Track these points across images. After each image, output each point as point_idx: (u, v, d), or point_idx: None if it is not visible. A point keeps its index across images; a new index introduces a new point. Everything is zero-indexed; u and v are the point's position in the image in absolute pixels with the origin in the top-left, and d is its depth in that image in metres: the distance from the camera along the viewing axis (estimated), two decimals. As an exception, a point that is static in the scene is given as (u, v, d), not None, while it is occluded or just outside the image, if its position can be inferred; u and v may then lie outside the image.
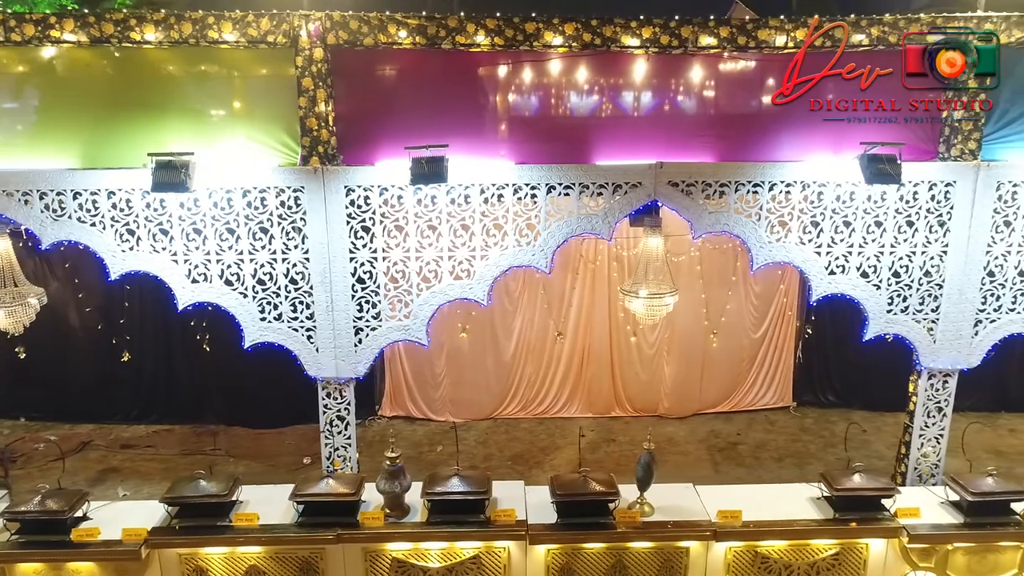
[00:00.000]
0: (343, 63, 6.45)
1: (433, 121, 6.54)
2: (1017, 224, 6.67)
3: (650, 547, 6.25)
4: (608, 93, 6.69)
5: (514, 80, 6.63)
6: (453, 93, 6.65)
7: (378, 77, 6.67)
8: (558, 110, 6.72)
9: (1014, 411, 10.77)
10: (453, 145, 6.43)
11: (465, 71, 6.60)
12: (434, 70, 6.60)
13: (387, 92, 6.70)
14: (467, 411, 10.57)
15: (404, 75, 6.66)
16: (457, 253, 6.59)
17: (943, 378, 7.05)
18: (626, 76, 6.63)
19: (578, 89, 6.67)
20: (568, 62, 6.56)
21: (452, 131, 6.49)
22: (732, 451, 9.72)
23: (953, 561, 6.31)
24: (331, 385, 6.87)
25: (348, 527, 6.17)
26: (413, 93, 6.67)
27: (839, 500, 6.32)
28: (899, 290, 6.79)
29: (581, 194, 6.50)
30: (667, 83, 6.69)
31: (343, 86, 6.49)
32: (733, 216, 6.59)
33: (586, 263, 9.99)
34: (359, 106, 6.62)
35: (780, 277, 10.27)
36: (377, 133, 6.58)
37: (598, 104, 6.70)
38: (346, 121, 6.55)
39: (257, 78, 6.54)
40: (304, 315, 6.67)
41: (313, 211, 6.43)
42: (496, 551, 6.22)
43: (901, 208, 6.62)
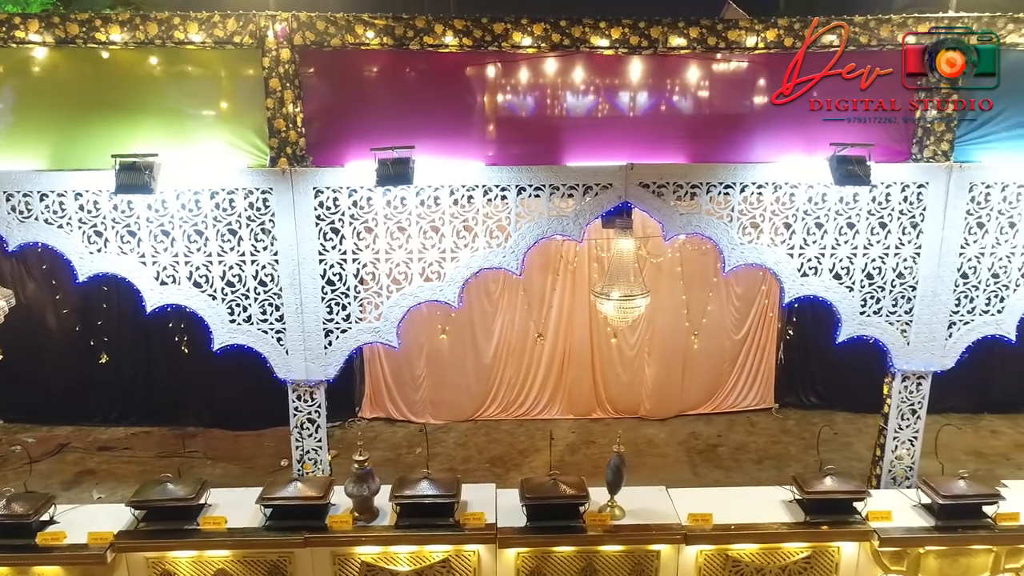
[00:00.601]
0: (312, 64, 6.42)
1: (403, 122, 6.50)
2: (990, 226, 6.64)
3: (621, 550, 6.22)
4: (580, 94, 6.65)
5: (484, 81, 6.60)
6: (423, 94, 6.61)
7: (347, 78, 6.62)
8: (529, 111, 6.69)
9: (997, 412, 10.75)
10: (423, 146, 6.41)
11: (435, 72, 6.55)
12: (404, 71, 6.57)
13: (357, 93, 6.65)
14: (447, 413, 10.54)
15: (373, 76, 6.63)
16: (427, 255, 6.56)
17: (917, 380, 7.02)
18: (597, 77, 6.59)
19: (549, 90, 6.64)
20: (539, 63, 6.52)
21: (422, 132, 6.46)
22: (711, 453, 9.69)
23: (925, 564, 6.28)
24: (301, 388, 6.84)
25: (316, 531, 6.15)
26: (383, 94, 6.64)
27: (810, 503, 6.30)
28: (872, 292, 6.76)
29: (552, 195, 6.47)
30: (638, 84, 6.65)
31: (312, 87, 6.46)
32: (705, 218, 6.56)
33: (566, 264, 9.95)
34: (328, 107, 6.59)
35: (762, 278, 10.24)
36: (347, 134, 6.54)
37: (569, 105, 6.66)
38: (315, 122, 6.51)
39: (226, 79, 6.48)
40: (273, 317, 6.63)
41: (282, 213, 6.39)
42: (466, 555, 6.19)
43: (874, 209, 6.59)
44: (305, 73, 6.38)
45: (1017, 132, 6.61)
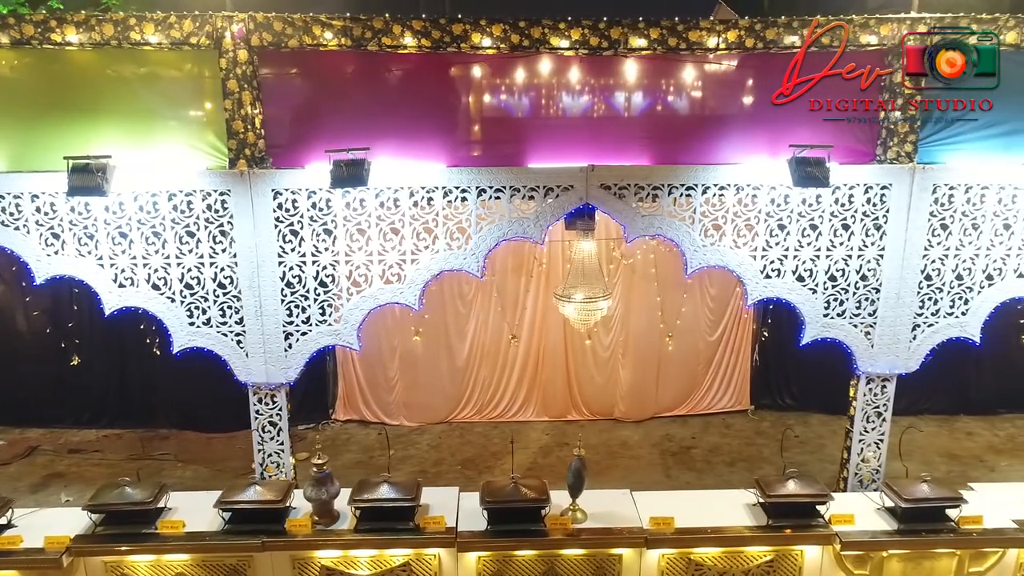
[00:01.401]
0: (271, 65, 6.38)
1: (363, 123, 6.47)
2: (954, 227, 6.61)
3: (582, 554, 6.20)
4: (542, 95, 6.61)
5: (445, 82, 6.55)
6: (384, 95, 6.57)
7: (307, 79, 6.58)
8: (491, 112, 6.65)
9: (973, 414, 10.73)
10: (384, 147, 6.39)
11: (396, 73, 6.52)
12: (364, 72, 6.52)
13: (317, 94, 6.62)
14: (421, 415, 10.50)
15: (334, 77, 6.59)
16: (387, 257, 6.51)
17: (882, 383, 6.98)
18: (559, 78, 6.55)
19: (511, 91, 6.60)
20: (500, 63, 6.49)
21: (383, 133, 6.44)
22: (685, 455, 9.65)
23: (888, 568, 6.26)
24: (262, 391, 6.79)
25: (275, 535, 6.13)
26: (343, 95, 6.59)
27: (772, 506, 6.28)
28: (835, 294, 6.73)
29: (512, 197, 6.43)
30: (601, 85, 6.62)
31: (272, 88, 6.42)
32: (667, 219, 6.52)
33: (539, 266, 9.91)
34: (288, 108, 6.56)
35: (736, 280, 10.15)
36: (307, 136, 6.50)
37: (531, 106, 6.62)
38: (275, 123, 6.47)
39: (184, 80, 6.43)
40: (233, 320, 6.59)
41: (240, 215, 6.35)
42: (427, 558, 6.17)
43: (837, 211, 6.55)
44: (264, 74, 6.34)
45: (982, 134, 6.57)
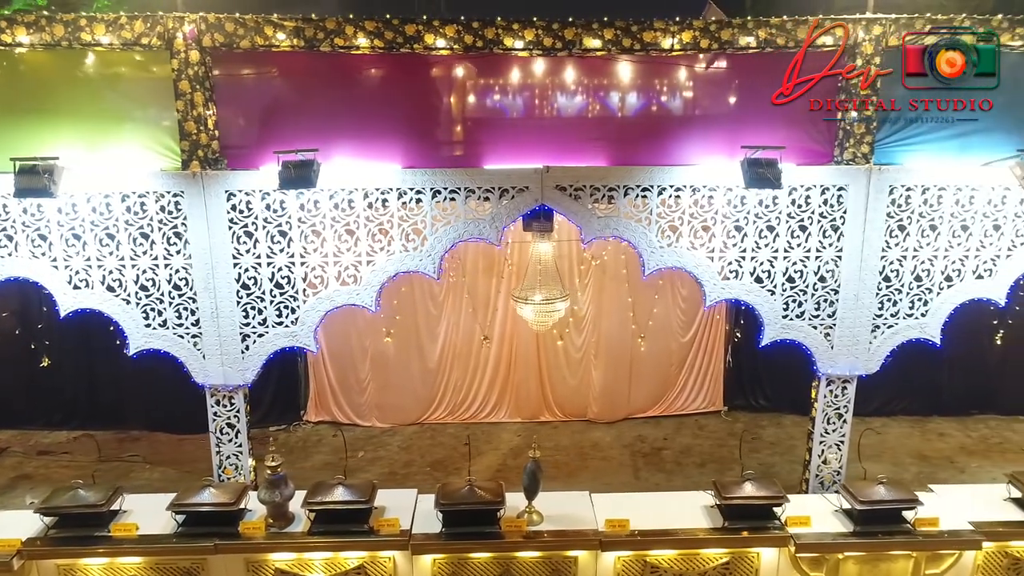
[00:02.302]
0: (226, 66, 6.36)
1: (319, 124, 6.48)
2: (912, 228, 6.60)
3: (538, 556, 6.19)
4: (499, 96, 6.59)
5: (401, 83, 6.53)
6: (341, 96, 6.56)
7: (263, 80, 6.57)
8: (448, 113, 6.63)
9: (946, 415, 10.69)
10: (341, 149, 6.39)
11: (352, 74, 6.50)
12: (319, 73, 6.50)
13: (272, 95, 6.61)
14: (393, 416, 10.46)
15: (290, 78, 6.57)
16: (343, 258, 6.50)
17: (842, 384, 6.97)
18: (515, 79, 6.54)
19: (467, 92, 6.58)
20: (455, 64, 6.47)
21: (339, 134, 6.45)
22: (656, 456, 9.62)
23: (844, 570, 6.25)
24: (219, 392, 6.77)
25: (228, 537, 6.10)
26: (299, 96, 6.60)
27: (728, 508, 6.27)
28: (794, 295, 6.72)
29: (468, 198, 6.42)
30: (557, 85, 6.60)
31: (226, 89, 6.41)
32: (623, 221, 6.50)
33: (511, 266, 9.88)
34: (243, 109, 6.55)
35: (707, 280, 10.17)
36: (262, 137, 6.50)
37: (488, 107, 6.60)
38: (230, 125, 6.46)
39: (137, 81, 6.41)
40: (189, 321, 6.57)
41: (194, 216, 6.33)
42: (381, 561, 6.16)
43: (794, 212, 6.54)
44: (218, 75, 6.32)
45: (938, 135, 6.55)
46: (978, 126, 6.50)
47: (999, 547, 6.32)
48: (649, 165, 6.48)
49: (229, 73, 6.39)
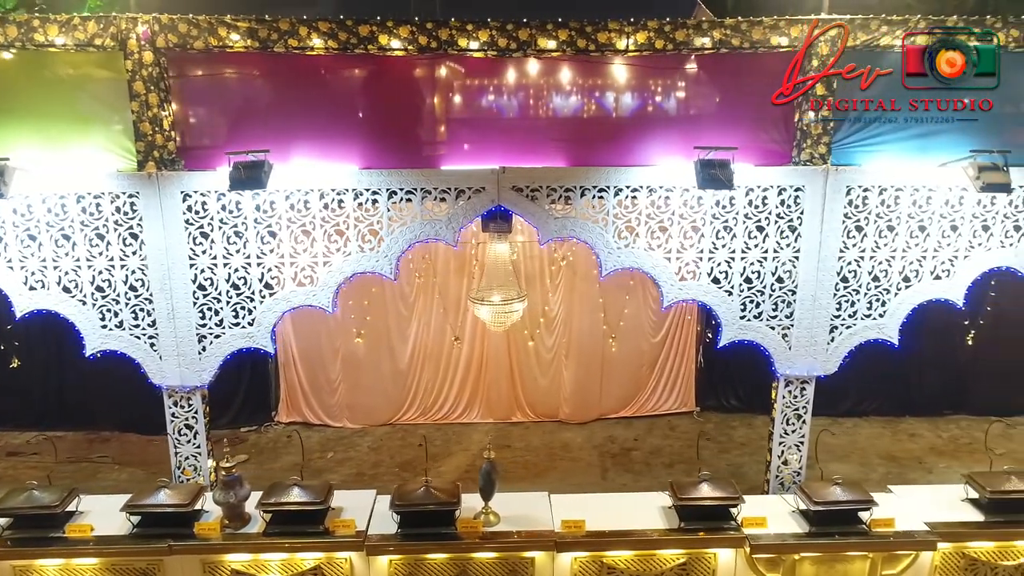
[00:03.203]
0: (183, 66, 6.35)
1: (277, 125, 6.47)
2: (869, 229, 6.60)
3: (495, 557, 6.20)
4: (456, 97, 6.58)
5: (357, 84, 6.53)
6: (298, 97, 6.54)
7: (220, 81, 6.55)
8: (405, 114, 6.60)
9: (919, 415, 10.72)
10: (299, 149, 6.39)
11: (309, 75, 6.47)
12: (275, 74, 6.49)
13: (230, 96, 6.59)
14: (365, 417, 10.46)
15: (247, 79, 6.56)
16: (299, 259, 6.49)
17: (801, 385, 6.97)
18: (471, 80, 6.53)
19: (423, 93, 6.57)
20: (411, 65, 6.46)
21: (297, 135, 6.44)
22: (625, 457, 9.63)
23: (801, 570, 6.26)
24: (177, 393, 6.76)
25: (183, 538, 6.10)
26: (256, 97, 6.59)
27: (684, 509, 6.27)
28: (752, 296, 6.72)
29: (424, 199, 6.41)
30: (514, 86, 6.59)
31: (183, 90, 6.40)
32: (580, 222, 6.50)
33: (481, 268, 9.87)
34: (200, 110, 6.54)
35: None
36: (219, 138, 6.49)
37: (447, 108, 6.59)
38: (187, 125, 6.45)
39: (93, 81, 6.37)
40: (146, 322, 6.56)
41: (149, 217, 6.32)
42: (338, 562, 6.16)
43: (751, 213, 6.54)
44: (175, 76, 6.30)
45: (898, 135, 6.55)
46: (937, 127, 6.49)
47: (956, 548, 6.33)
48: (607, 166, 6.47)
49: (186, 74, 6.37)
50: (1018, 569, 6.37)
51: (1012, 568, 6.36)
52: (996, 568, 6.36)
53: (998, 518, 6.37)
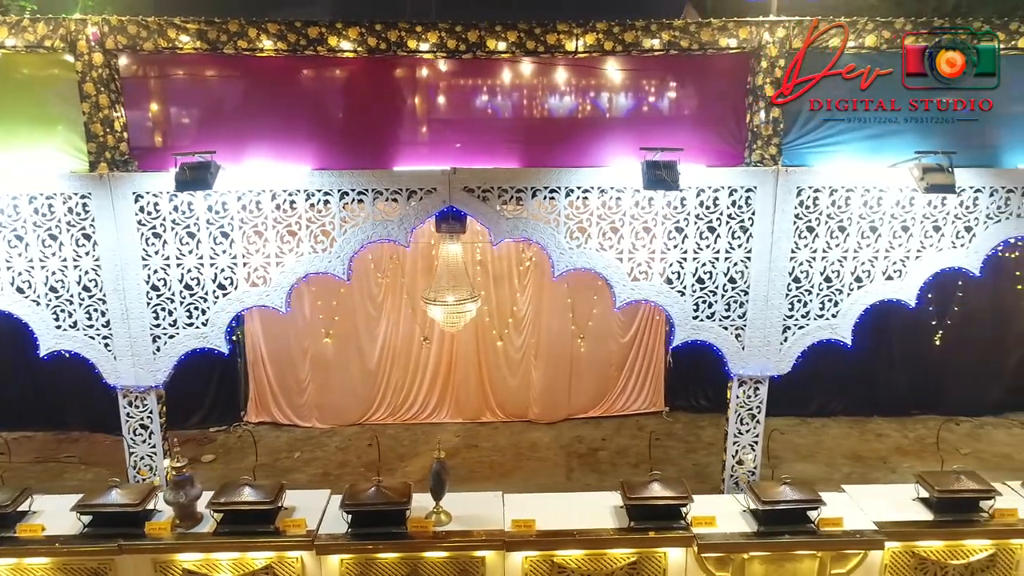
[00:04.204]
0: (134, 67, 6.38)
1: (230, 126, 6.51)
2: (820, 230, 6.63)
3: (445, 556, 6.22)
4: (408, 99, 6.61)
5: (309, 85, 6.55)
6: (251, 98, 6.59)
7: (171, 82, 6.57)
8: (357, 115, 6.63)
9: (887, 415, 10.74)
10: (251, 150, 6.41)
11: (261, 76, 6.50)
12: (229, 75, 6.53)
13: (182, 97, 6.62)
14: (334, 417, 10.48)
15: (199, 80, 6.58)
16: (252, 260, 6.51)
17: (754, 385, 6.99)
18: (423, 81, 6.56)
19: (376, 94, 6.58)
20: (362, 66, 6.48)
21: (250, 136, 6.48)
22: (592, 457, 9.65)
23: (750, 570, 6.28)
24: (132, 393, 6.78)
25: (133, 538, 6.12)
26: (209, 98, 6.61)
27: (634, 509, 6.30)
28: (704, 296, 6.75)
29: (376, 200, 6.44)
30: (466, 87, 6.64)
31: (135, 91, 6.43)
32: (531, 222, 6.53)
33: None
34: (152, 111, 6.56)
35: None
36: (171, 139, 6.52)
37: (397, 109, 6.61)
38: (140, 126, 6.48)
39: (46, 82, 6.38)
40: (100, 323, 6.58)
41: (102, 218, 6.35)
42: (289, 561, 6.18)
43: (702, 214, 6.57)
44: (127, 77, 6.33)
45: (851, 136, 6.59)
46: (889, 127, 6.53)
47: (906, 547, 6.36)
48: (560, 167, 6.50)
49: (137, 75, 6.40)
50: (968, 568, 6.41)
51: (962, 567, 6.39)
52: (946, 567, 6.39)
53: (947, 517, 6.40)
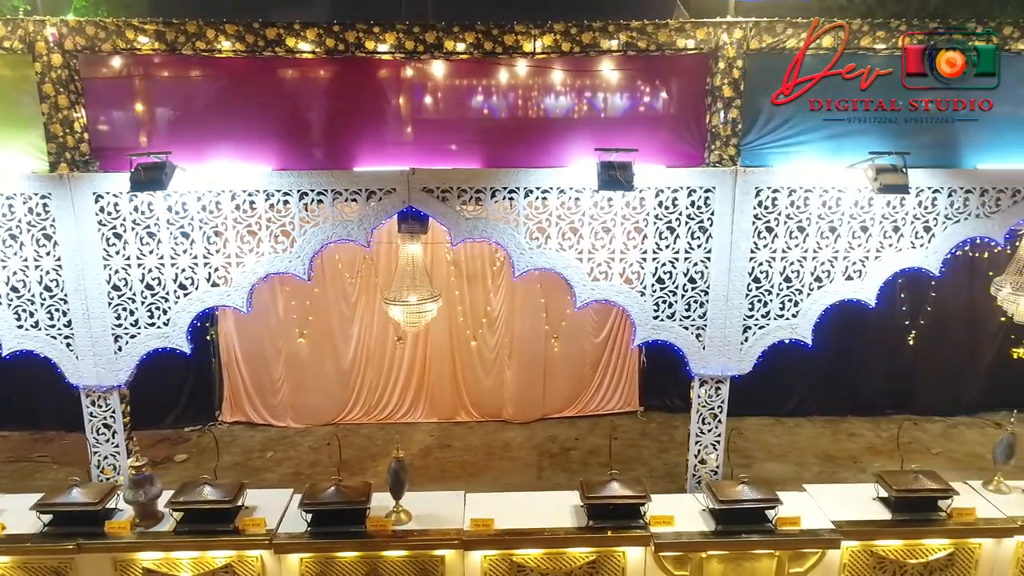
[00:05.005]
0: (95, 68, 6.39)
1: (191, 126, 6.53)
2: (780, 230, 6.65)
3: (405, 556, 6.26)
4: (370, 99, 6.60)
5: (270, 86, 6.54)
6: (212, 99, 6.60)
7: (132, 83, 6.58)
8: (318, 116, 6.65)
9: (861, 415, 10.77)
10: (213, 151, 6.43)
11: (222, 77, 6.53)
12: (190, 76, 6.54)
13: (143, 98, 6.62)
14: (309, 416, 10.50)
15: (160, 81, 6.60)
16: (212, 260, 6.53)
17: (716, 384, 7.02)
18: (382, 82, 6.57)
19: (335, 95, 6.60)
20: (323, 67, 6.51)
21: (211, 137, 6.49)
22: (563, 457, 9.68)
23: (708, 569, 6.32)
24: (94, 393, 6.80)
25: (93, 536, 6.16)
26: (170, 99, 6.63)
27: (592, 508, 6.33)
28: (664, 296, 6.77)
29: (335, 200, 6.46)
30: (426, 88, 6.65)
31: (96, 92, 6.43)
32: (491, 223, 6.55)
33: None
34: (113, 112, 6.59)
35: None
36: (133, 139, 6.53)
37: (361, 110, 6.62)
38: (100, 127, 6.50)
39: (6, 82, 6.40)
40: (61, 323, 6.61)
41: (62, 218, 6.37)
42: (249, 560, 6.22)
43: (661, 214, 6.59)
44: (87, 78, 6.34)
45: (810, 136, 6.60)
46: (850, 128, 6.56)
47: (864, 546, 6.41)
48: (521, 167, 6.51)
49: (98, 76, 6.41)
50: (927, 567, 6.44)
51: (920, 566, 6.42)
52: (904, 566, 6.43)
53: (905, 516, 6.44)
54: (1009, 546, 6.46)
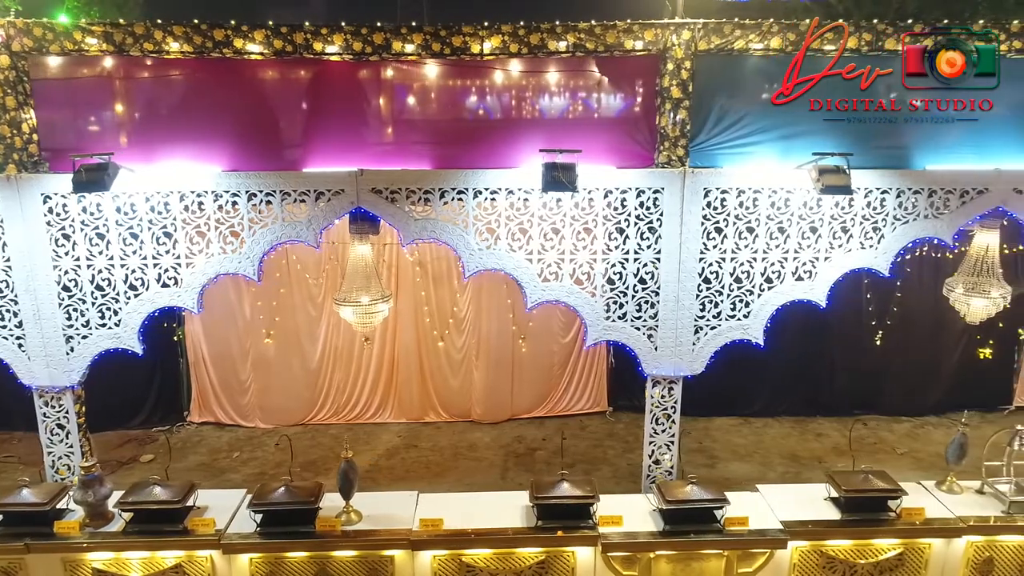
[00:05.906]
0: (43, 69, 6.40)
1: (138, 128, 6.56)
2: (729, 231, 6.66)
3: (355, 556, 6.26)
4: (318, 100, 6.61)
5: (219, 87, 6.54)
6: (162, 100, 6.63)
7: (82, 84, 6.58)
8: (268, 118, 6.66)
9: (829, 415, 10.78)
10: (162, 152, 6.44)
11: (172, 78, 6.53)
12: (139, 76, 6.55)
13: (93, 99, 6.63)
14: (277, 417, 10.52)
15: (109, 81, 6.59)
16: (162, 261, 6.55)
17: (668, 385, 7.03)
18: (331, 83, 6.56)
19: (287, 96, 6.63)
20: (271, 68, 6.52)
21: (161, 137, 6.50)
22: (529, 457, 9.70)
23: (657, 569, 6.33)
24: (47, 394, 6.82)
25: (42, 537, 6.17)
26: (119, 100, 6.63)
27: (541, 508, 6.34)
28: (615, 297, 6.79)
29: (284, 201, 6.47)
30: (376, 89, 6.66)
31: (45, 93, 6.44)
32: (440, 223, 6.56)
33: (388, 268, 9.95)
34: (62, 113, 6.59)
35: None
36: (82, 140, 6.54)
37: (309, 112, 6.64)
38: (49, 128, 6.50)
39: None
40: (12, 323, 6.62)
41: (10, 219, 6.39)
42: (199, 560, 6.24)
43: (610, 215, 6.60)
44: (36, 79, 6.36)
45: (761, 138, 6.62)
46: (799, 129, 6.57)
47: (814, 546, 6.42)
48: (471, 168, 6.53)
49: (47, 77, 6.42)
50: (876, 567, 6.45)
51: (870, 566, 6.43)
52: (854, 566, 6.44)
53: (854, 516, 6.45)
54: (959, 546, 6.46)
